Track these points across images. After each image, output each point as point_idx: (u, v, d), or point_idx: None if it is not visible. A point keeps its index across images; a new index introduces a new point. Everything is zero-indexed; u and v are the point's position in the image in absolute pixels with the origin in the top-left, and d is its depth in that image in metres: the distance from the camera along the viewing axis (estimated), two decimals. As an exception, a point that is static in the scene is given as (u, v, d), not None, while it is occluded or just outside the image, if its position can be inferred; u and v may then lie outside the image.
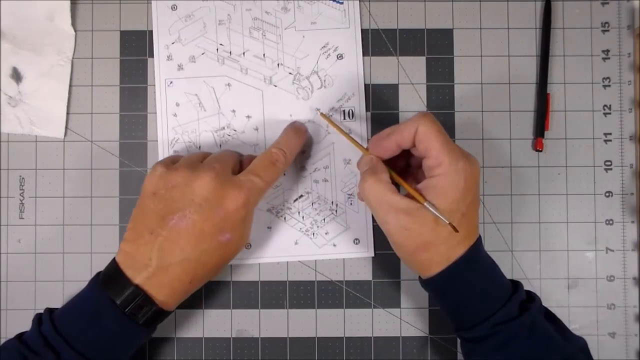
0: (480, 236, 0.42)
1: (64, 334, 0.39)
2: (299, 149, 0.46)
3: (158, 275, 0.40)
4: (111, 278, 0.40)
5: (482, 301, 0.41)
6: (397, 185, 0.42)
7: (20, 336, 0.41)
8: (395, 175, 0.42)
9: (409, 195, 0.41)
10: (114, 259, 0.41)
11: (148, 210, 0.41)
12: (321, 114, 0.48)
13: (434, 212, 0.39)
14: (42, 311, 0.42)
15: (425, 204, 0.39)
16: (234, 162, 0.43)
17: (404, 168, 0.46)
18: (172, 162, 0.43)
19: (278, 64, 0.49)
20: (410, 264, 0.42)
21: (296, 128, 0.47)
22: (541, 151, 0.49)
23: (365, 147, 0.45)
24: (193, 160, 0.42)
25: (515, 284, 0.42)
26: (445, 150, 0.39)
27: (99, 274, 0.42)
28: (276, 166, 0.43)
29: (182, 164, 0.42)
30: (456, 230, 0.39)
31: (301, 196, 0.49)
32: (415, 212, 0.39)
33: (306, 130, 0.48)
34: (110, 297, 0.39)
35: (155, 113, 0.49)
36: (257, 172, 0.42)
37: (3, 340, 0.49)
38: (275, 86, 0.49)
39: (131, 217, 0.42)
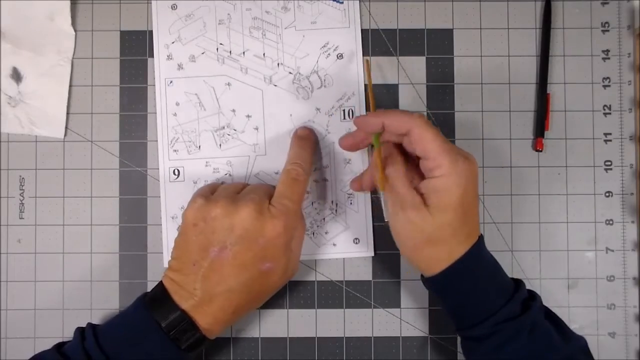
0: (482, 235, 0.42)
1: (107, 352, 0.40)
2: (312, 154, 0.46)
3: (202, 305, 0.41)
4: (158, 301, 0.41)
5: (484, 300, 0.41)
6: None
7: (59, 347, 0.41)
8: (377, 159, 0.43)
9: (416, 190, 0.41)
10: (161, 282, 0.42)
11: (190, 241, 0.42)
12: (366, 61, 0.49)
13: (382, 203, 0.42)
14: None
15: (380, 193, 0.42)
16: (269, 193, 0.43)
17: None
18: (211, 192, 0.44)
19: (278, 64, 0.49)
20: (414, 261, 0.43)
21: (300, 136, 0.47)
22: (541, 151, 0.49)
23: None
24: (231, 192, 0.43)
25: (517, 283, 0.43)
26: (444, 152, 0.40)
27: (145, 294, 0.42)
28: (298, 181, 0.43)
29: (220, 195, 0.42)
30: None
31: (301, 196, 0.49)
32: (422, 207, 0.40)
33: (311, 132, 0.48)
34: (156, 319, 0.40)
35: (155, 113, 0.49)
36: (285, 194, 0.43)
37: (2, 340, 0.49)
38: (275, 86, 0.49)
39: (174, 246, 0.43)
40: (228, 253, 0.40)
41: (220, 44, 0.49)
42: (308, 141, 0.47)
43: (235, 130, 0.49)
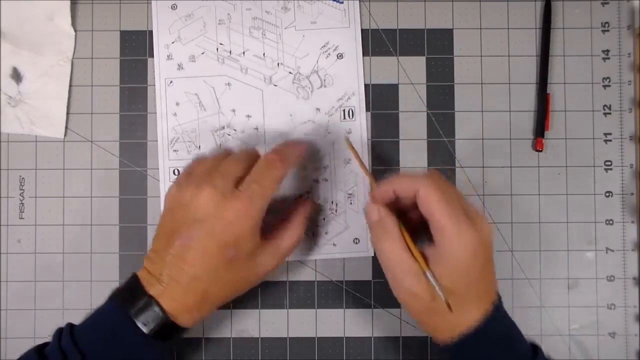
0: (499, 298, 0.40)
1: (82, 348, 0.39)
2: (296, 155, 0.44)
3: (169, 290, 0.39)
4: (127, 291, 0.41)
5: None
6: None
7: (40, 350, 0.41)
8: (405, 234, 0.40)
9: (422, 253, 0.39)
10: (134, 273, 0.41)
11: (161, 228, 0.41)
12: (346, 138, 0.47)
13: (433, 283, 0.38)
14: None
15: (427, 272, 0.38)
16: (242, 171, 0.41)
17: (419, 218, 0.42)
18: (188, 173, 0.42)
19: (278, 64, 0.49)
20: (417, 325, 0.42)
21: (295, 140, 0.46)
22: (541, 151, 0.49)
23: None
24: (202, 173, 0.41)
25: (535, 350, 0.40)
26: (447, 216, 0.37)
27: (118, 288, 0.42)
28: (273, 168, 0.41)
29: (191, 179, 0.41)
30: (450, 309, 0.37)
31: (301, 196, 0.49)
32: (422, 276, 0.38)
33: (306, 144, 0.47)
34: (125, 309, 0.39)
35: (155, 113, 0.49)
36: (255, 178, 0.40)
37: (2, 340, 0.49)
38: (275, 85, 0.49)
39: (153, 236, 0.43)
40: (191, 240, 0.39)
41: (220, 44, 0.49)
42: (300, 145, 0.45)
43: (235, 130, 0.49)
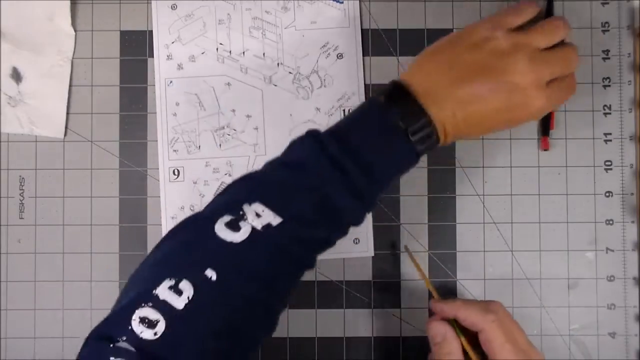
0: None
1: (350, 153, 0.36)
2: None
3: (448, 117, 0.37)
4: (400, 99, 0.37)
5: None
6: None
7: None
8: (467, 346, 0.41)
9: None
10: (399, 80, 0.38)
11: (455, 55, 0.38)
12: (406, 247, 0.48)
13: None
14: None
15: None
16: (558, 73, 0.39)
17: None
18: (506, 23, 0.39)
19: (278, 64, 0.49)
20: None
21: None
22: (547, 150, 0.49)
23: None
24: (534, 49, 0.38)
25: None
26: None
27: (374, 98, 0.38)
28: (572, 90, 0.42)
29: (514, 38, 0.38)
30: None
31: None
32: None
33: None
34: (402, 123, 0.36)
35: (155, 113, 0.49)
36: (562, 89, 0.40)
37: (2, 340, 0.49)
38: (275, 85, 0.49)
39: (433, 47, 0.40)
40: (488, 94, 0.37)
41: (220, 43, 0.49)
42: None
43: (235, 130, 0.49)
